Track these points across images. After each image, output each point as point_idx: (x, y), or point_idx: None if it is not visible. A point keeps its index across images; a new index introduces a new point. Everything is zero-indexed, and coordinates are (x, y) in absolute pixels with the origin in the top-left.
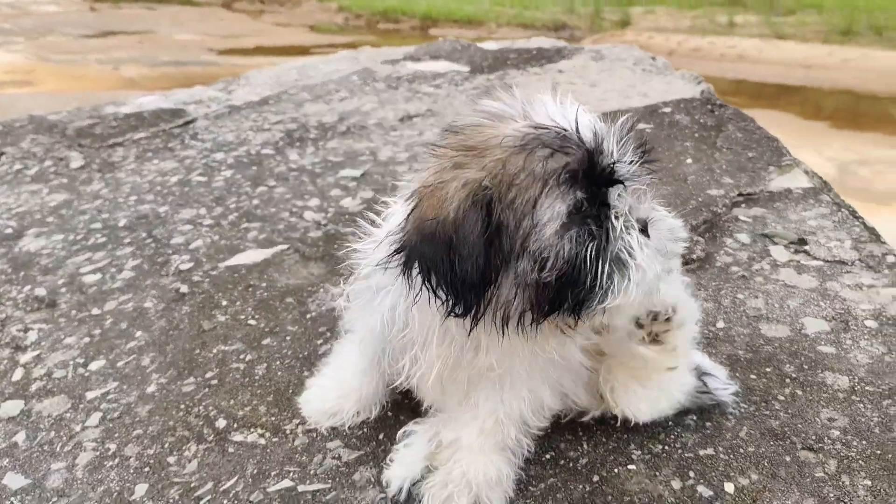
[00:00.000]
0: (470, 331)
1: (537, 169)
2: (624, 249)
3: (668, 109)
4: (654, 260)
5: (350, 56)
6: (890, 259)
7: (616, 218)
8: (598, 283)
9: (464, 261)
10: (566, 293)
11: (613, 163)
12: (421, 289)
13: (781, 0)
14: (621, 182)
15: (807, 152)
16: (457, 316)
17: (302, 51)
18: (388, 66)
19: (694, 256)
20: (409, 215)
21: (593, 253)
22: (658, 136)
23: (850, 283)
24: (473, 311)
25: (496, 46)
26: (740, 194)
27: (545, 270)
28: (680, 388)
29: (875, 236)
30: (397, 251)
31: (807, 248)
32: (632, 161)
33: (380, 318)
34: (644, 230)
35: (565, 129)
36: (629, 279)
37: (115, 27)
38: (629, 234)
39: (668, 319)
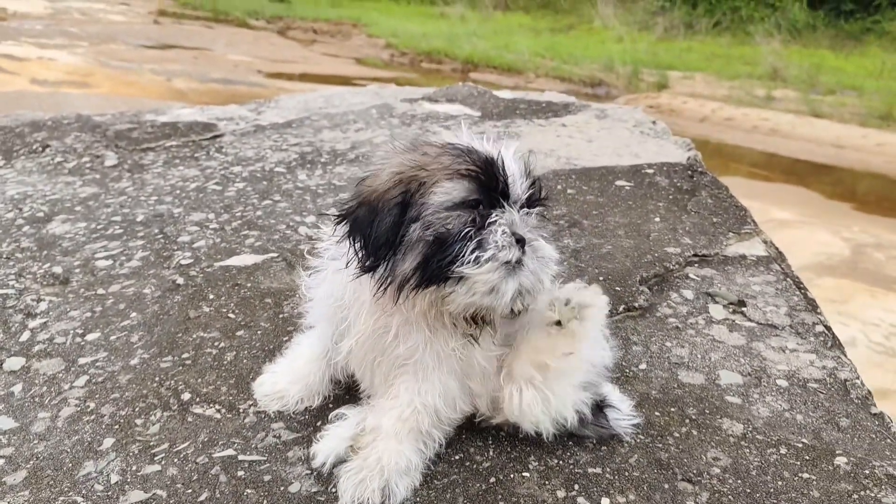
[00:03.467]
0: (376, 292)
1: (446, 162)
2: (489, 238)
3: (651, 171)
4: (509, 253)
5: (374, 91)
6: (819, 329)
7: (494, 217)
8: (462, 253)
9: (380, 223)
10: (437, 254)
11: (506, 182)
12: (353, 256)
13: (822, 79)
14: (510, 199)
15: (823, 231)
16: (367, 270)
17: (345, 81)
18: (406, 104)
19: (637, 305)
20: (354, 190)
21: (468, 231)
22: (635, 193)
23: (774, 345)
24: (379, 269)
25: (510, 95)
26: (695, 255)
27: (428, 230)
28: (570, 393)
29: (812, 307)
30: (340, 216)
31: (744, 309)
32: (526, 192)
33: (326, 291)
34: (521, 243)
35: (478, 150)
36: (485, 259)
37: (173, 41)
38: (498, 230)
39: (573, 308)
